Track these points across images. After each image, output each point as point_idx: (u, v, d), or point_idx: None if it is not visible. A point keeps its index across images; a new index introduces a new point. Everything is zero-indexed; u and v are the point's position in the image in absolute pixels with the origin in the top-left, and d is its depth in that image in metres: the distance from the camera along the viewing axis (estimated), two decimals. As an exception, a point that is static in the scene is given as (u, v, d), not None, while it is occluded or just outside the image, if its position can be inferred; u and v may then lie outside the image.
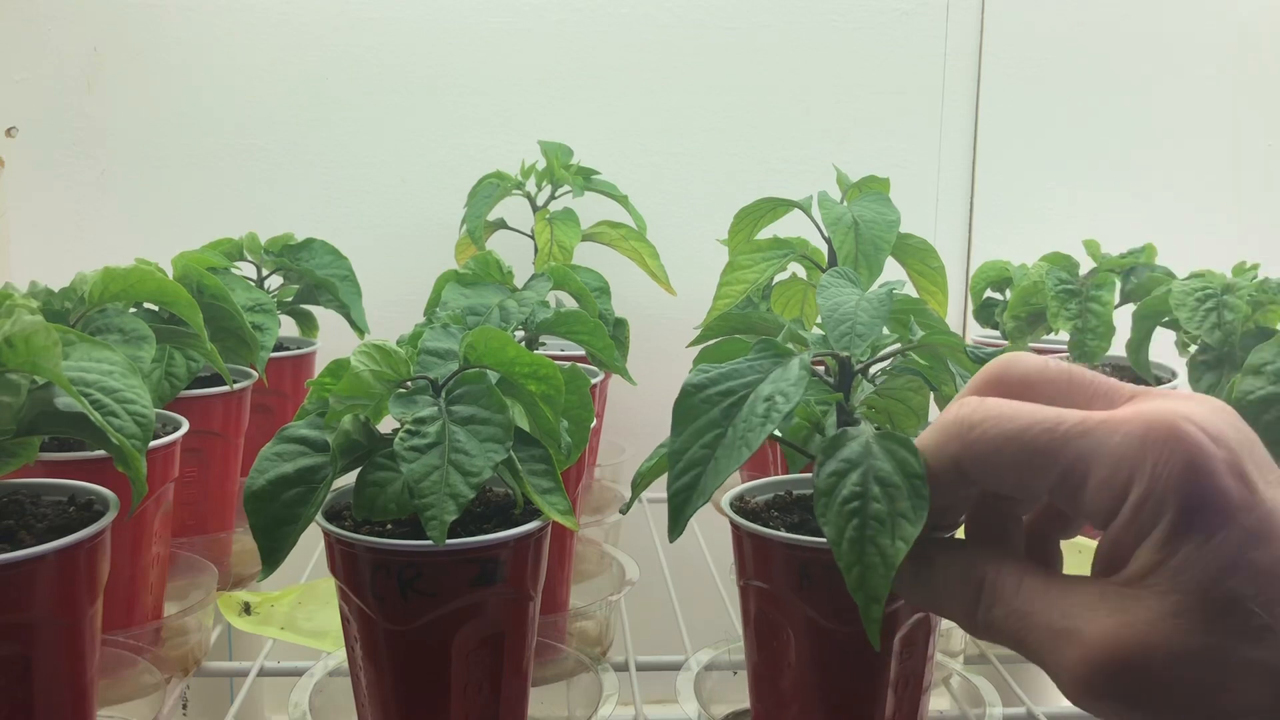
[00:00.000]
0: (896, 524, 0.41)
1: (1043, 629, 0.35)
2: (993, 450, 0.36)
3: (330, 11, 1.28)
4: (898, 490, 0.42)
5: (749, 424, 0.46)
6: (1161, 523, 0.33)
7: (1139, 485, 0.33)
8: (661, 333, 1.15)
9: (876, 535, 0.41)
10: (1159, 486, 0.33)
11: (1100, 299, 0.99)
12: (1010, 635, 0.36)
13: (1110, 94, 1.37)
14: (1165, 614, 0.32)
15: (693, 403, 0.48)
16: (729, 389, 0.48)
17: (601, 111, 1.32)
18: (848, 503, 0.43)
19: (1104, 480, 0.34)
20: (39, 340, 0.49)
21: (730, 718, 0.66)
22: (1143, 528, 0.33)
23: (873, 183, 0.87)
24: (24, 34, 1.25)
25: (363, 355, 0.53)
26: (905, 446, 0.42)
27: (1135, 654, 0.32)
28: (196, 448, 0.85)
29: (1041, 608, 0.35)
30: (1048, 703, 0.79)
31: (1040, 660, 0.35)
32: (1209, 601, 0.32)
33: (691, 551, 1.01)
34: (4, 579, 0.49)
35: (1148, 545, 0.33)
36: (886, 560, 0.41)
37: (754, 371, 0.49)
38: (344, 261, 1.06)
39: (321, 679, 0.67)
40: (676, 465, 0.47)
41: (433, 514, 0.49)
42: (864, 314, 0.54)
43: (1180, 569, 0.32)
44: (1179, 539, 0.32)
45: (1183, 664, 0.32)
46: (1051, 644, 0.34)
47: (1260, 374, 0.75)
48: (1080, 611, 0.34)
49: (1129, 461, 0.33)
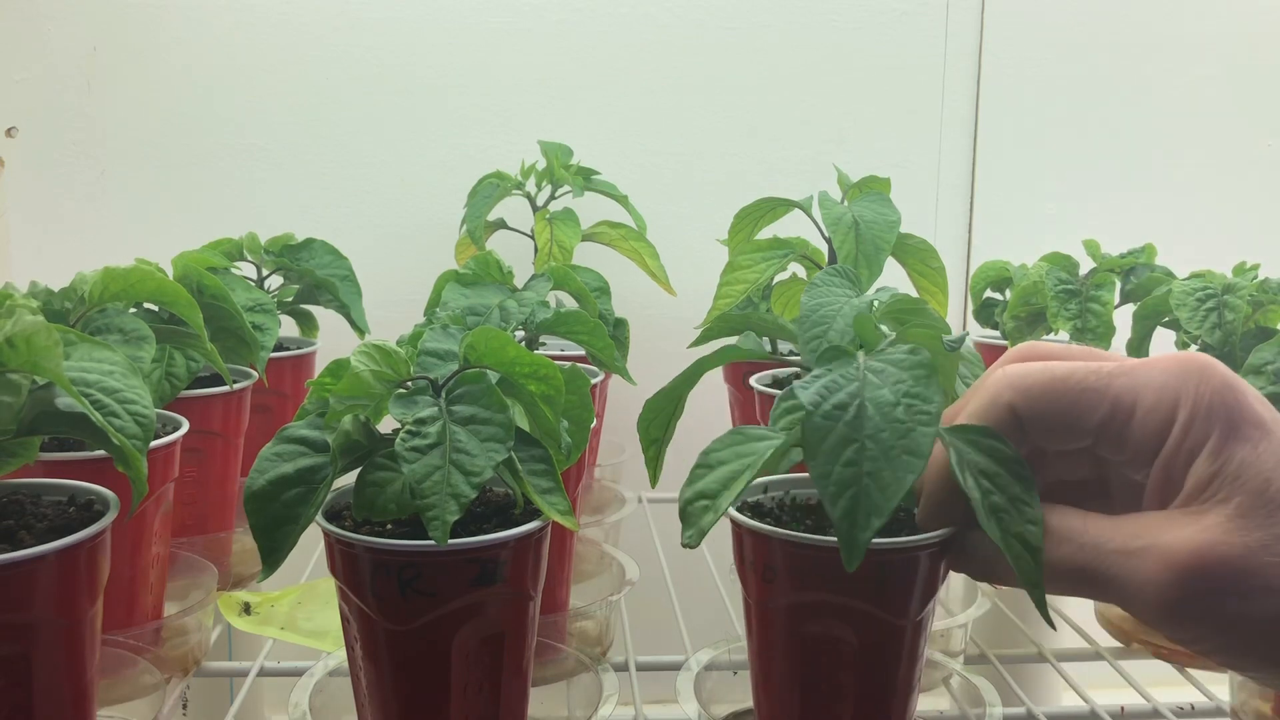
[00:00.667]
0: (1019, 509, 0.41)
1: (1117, 554, 0.37)
2: (1046, 393, 0.39)
3: (330, 11, 1.28)
4: (1002, 478, 0.41)
5: (899, 429, 0.42)
6: (1212, 436, 0.36)
7: (1185, 407, 0.37)
8: (661, 333, 1.15)
9: (1011, 526, 0.41)
10: (1204, 405, 0.37)
11: (1100, 299, 0.99)
12: (1081, 568, 0.38)
13: (1110, 94, 1.37)
14: (1232, 515, 0.36)
15: (814, 423, 0.44)
16: (841, 402, 0.45)
17: (601, 111, 1.32)
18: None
19: (1151, 406, 0.38)
20: (40, 340, 0.49)
21: (730, 718, 0.66)
22: (1194, 444, 0.37)
23: (873, 183, 0.87)
24: (23, 34, 1.25)
25: (363, 355, 0.53)
26: (987, 435, 0.42)
27: (1213, 555, 0.35)
28: (196, 448, 0.85)
29: (1113, 535, 0.38)
30: (1048, 703, 0.79)
31: (1118, 586, 0.37)
32: (1269, 496, 0.35)
33: (691, 551, 1.00)
34: (4, 579, 0.49)
35: (1202, 459, 0.37)
36: (1029, 546, 0.40)
37: (857, 377, 0.46)
38: (344, 261, 1.06)
39: (321, 679, 0.67)
40: (827, 489, 0.43)
41: (435, 514, 0.49)
42: (841, 320, 0.53)
43: (1237, 474, 0.36)
44: (1230, 447, 0.36)
45: (1257, 554, 0.35)
46: (1131, 565, 0.37)
47: (1261, 374, 0.75)
48: (1151, 532, 0.37)
49: (1172, 388, 0.37)
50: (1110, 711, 0.71)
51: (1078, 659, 0.82)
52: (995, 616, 0.88)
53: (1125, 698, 0.74)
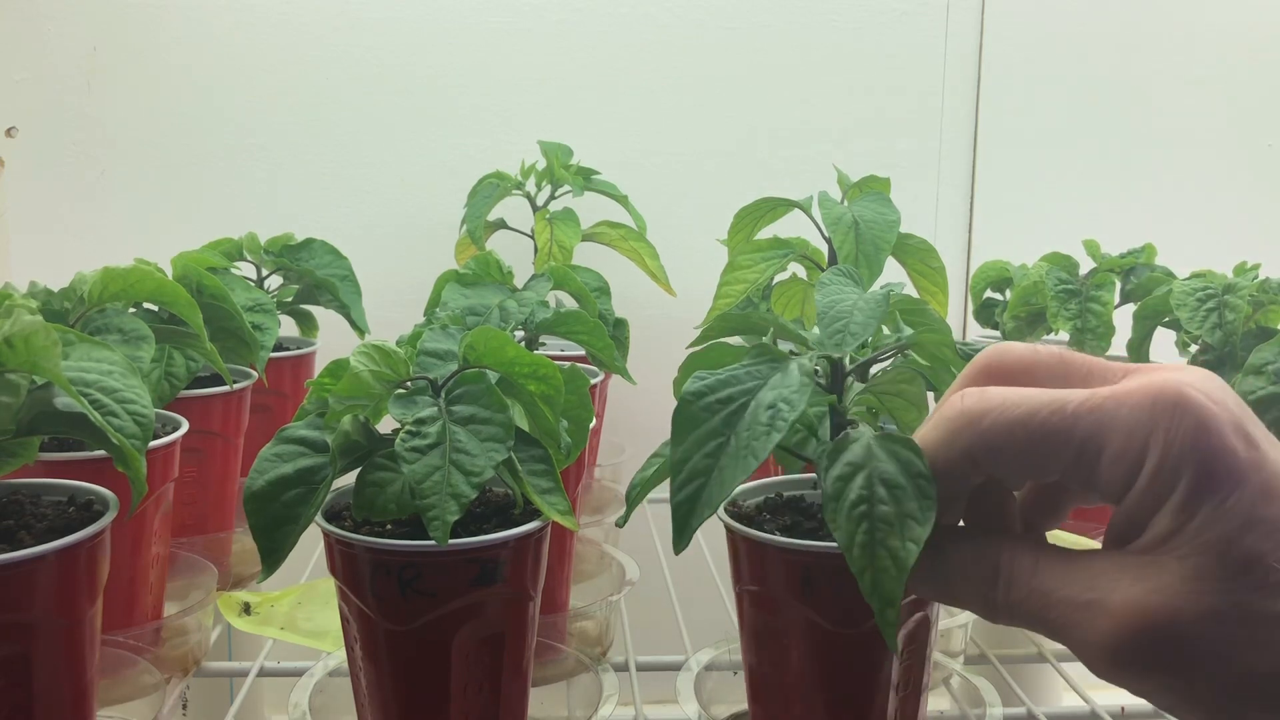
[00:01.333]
0: (905, 525, 0.41)
1: (1066, 604, 0.35)
2: (1005, 437, 0.36)
3: (330, 11, 1.28)
4: (903, 491, 0.41)
5: (753, 433, 0.46)
6: (1179, 488, 0.33)
7: (1154, 453, 0.34)
8: (661, 333, 1.15)
9: (886, 538, 0.41)
10: (1173, 452, 0.33)
11: (1100, 299, 0.99)
12: (1032, 614, 0.36)
13: (1110, 94, 1.37)
14: (1187, 577, 0.33)
15: (692, 411, 0.47)
16: (729, 396, 0.48)
17: (601, 111, 1.32)
18: (855, 506, 0.43)
19: (1118, 452, 0.34)
20: (39, 340, 0.49)
21: (730, 719, 0.66)
22: (1159, 495, 0.34)
23: (873, 183, 0.87)
24: (23, 33, 1.25)
25: (362, 355, 0.53)
26: (908, 447, 0.42)
27: (1161, 618, 0.33)
28: (196, 448, 0.85)
29: (1062, 584, 0.35)
30: (1048, 703, 0.79)
31: (1065, 635, 0.35)
32: (1228, 560, 0.32)
33: (691, 552, 1.00)
34: (4, 579, 0.49)
35: (1165, 511, 0.34)
36: (898, 563, 0.41)
37: (753, 378, 0.49)
38: (344, 261, 1.06)
39: (321, 679, 0.67)
40: (679, 475, 0.46)
41: (435, 514, 0.49)
42: (859, 314, 0.54)
43: (1199, 531, 0.33)
44: (1196, 502, 0.33)
45: (1208, 623, 0.32)
46: (1076, 618, 0.35)
47: (1261, 374, 0.75)
48: (1102, 583, 0.35)
49: (1141, 431, 0.34)
50: (1110, 711, 0.71)
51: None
52: (995, 616, 0.87)
53: (1125, 698, 0.73)
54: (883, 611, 0.41)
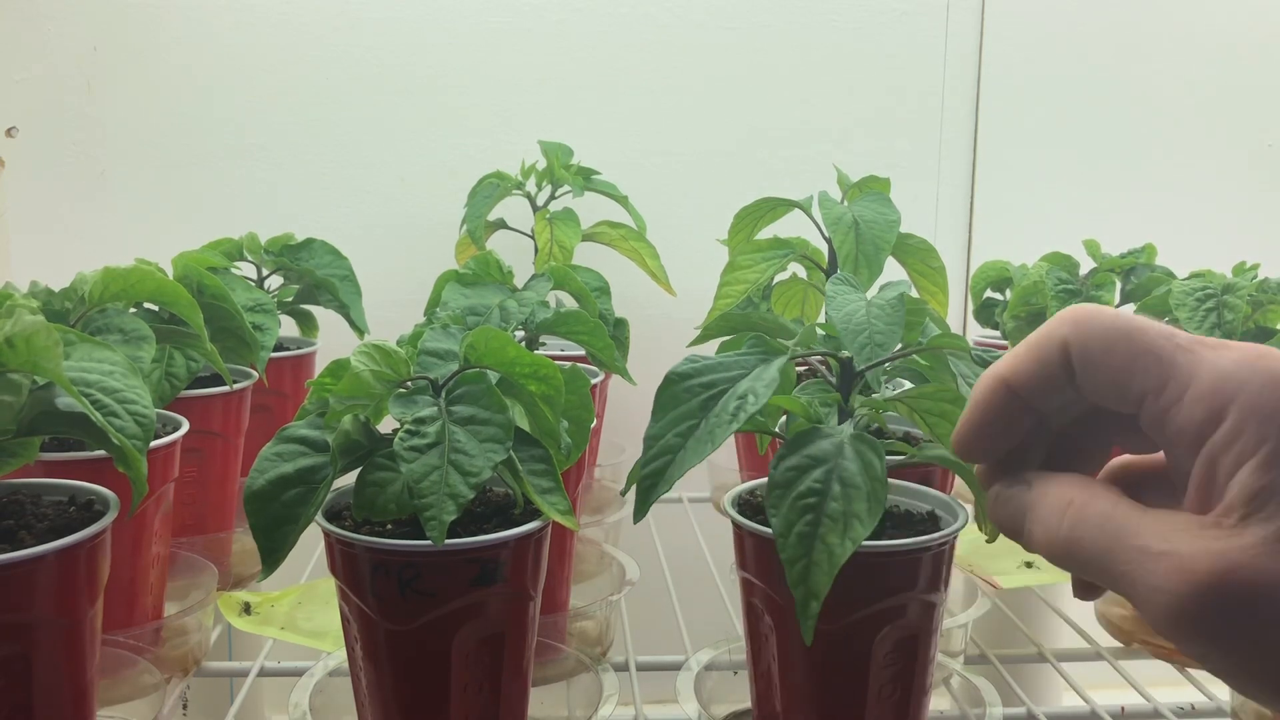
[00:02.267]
0: (849, 524, 0.41)
1: (1137, 552, 0.34)
2: (1104, 340, 0.36)
3: (330, 11, 1.28)
4: (857, 491, 0.42)
5: (719, 419, 0.47)
6: (1266, 445, 0.33)
7: (1241, 404, 0.34)
8: (661, 333, 1.15)
9: (827, 534, 0.42)
10: (1264, 409, 0.33)
11: (1100, 299, 0.99)
12: (1097, 549, 0.36)
13: (1110, 94, 1.37)
14: (1272, 538, 0.32)
15: (675, 391, 0.49)
16: (711, 381, 0.49)
17: (601, 111, 1.32)
18: (804, 498, 0.43)
19: (1205, 392, 0.34)
20: (40, 340, 0.49)
21: (730, 718, 0.66)
22: (1244, 449, 0.33)
23: (873, 183, 0.87)
24: (24, 34, 1.25)
25: (363, 355, 0.53)
26: (875, 451, 0.43)
27: (1241, 578, 0.32)
28: (196, 448, 0.85)
29: (1137, 531, 0.35)
30: (1048, 703, 0.79)
31: (1129, 584, 0.35)
32: None
33: (691, 551, 1.01)
34: (4, 579, 0.49)
35: (1250, 468, 0.33)
36: (832, 559, 0.41)
37: (739, 367, 0.49)
38: (344, 261, 1.06)
39: (321, 679, 0.67)
40: (650, 450, 0.48)
41: (432, 514, 0.49)
42: (880, 322, 0.54)
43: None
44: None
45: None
46: (1149, 567, 0.34)
47: (1260, 374, 0.75)
48: (1181, 537, 0.34)
49: (1235, 379, 0.34)
50: (1110, 711, 0.71)
51: (1078, 659, 0.82)
52: (995, 616, 0.88)
53: (1125, 698, 0.74)
54: (806, 603, 0.42)
